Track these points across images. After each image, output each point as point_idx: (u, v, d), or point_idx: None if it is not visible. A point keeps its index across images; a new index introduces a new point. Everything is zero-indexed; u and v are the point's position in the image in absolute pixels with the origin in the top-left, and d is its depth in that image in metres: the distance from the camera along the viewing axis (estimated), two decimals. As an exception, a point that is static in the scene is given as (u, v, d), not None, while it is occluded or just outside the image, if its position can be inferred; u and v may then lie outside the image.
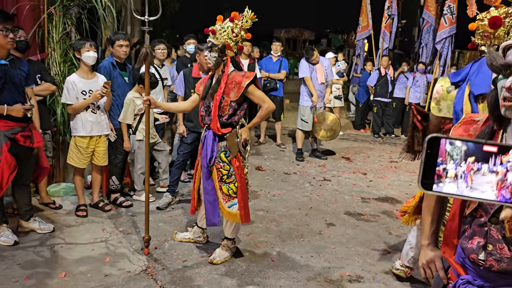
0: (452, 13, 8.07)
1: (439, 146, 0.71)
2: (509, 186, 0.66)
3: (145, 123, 3.32)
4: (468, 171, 0.70)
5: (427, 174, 0.72)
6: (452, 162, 0.72)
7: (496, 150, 0.68)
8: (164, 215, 4.30)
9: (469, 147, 0.71)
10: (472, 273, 1.29)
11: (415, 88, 9.01)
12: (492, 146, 0.69)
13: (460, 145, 0.71)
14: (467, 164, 0.71)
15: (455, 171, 0.71)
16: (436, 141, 0.71)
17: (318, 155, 6.89)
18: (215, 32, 3.07)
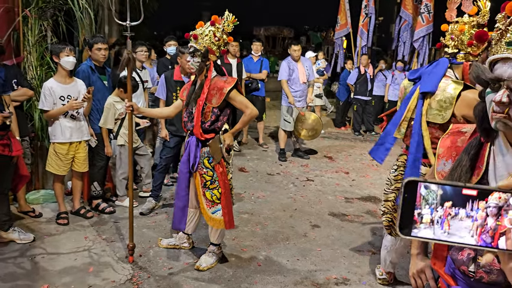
0: (429, 12, 8.20)
1: (417, 190, 0.69)
2: (489, 230, 0.65)
3: (128, 130, 3.26)
4: (445, 216, 0.68)
5: (405, 218, 0.70)
6: (428, 206, 0.70)
7: (476, 193, 0.66)
8: (148, 220, 4.25)
9: (445, 191, 0.69)
10: (462, 284, 1.31)
11: (394, 86, 9.13)
12: (471, 189, 0.67)
13: (436, 189, 0.69)
14: (444, 209, 0.69)
15: (431, 216, 0.69)
16: (413, 185, 0.69)
17: (300, 155, 6.91)
18: (197, 37, 3.03)
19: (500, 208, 0.64)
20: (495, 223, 0.65)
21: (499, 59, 1.14)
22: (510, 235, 0.63)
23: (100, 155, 4.35)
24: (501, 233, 0.64)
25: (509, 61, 1.11)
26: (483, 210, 0.65)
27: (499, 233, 0.64)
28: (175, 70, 4.53)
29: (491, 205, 0.65)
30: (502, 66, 1.12)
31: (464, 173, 1.23)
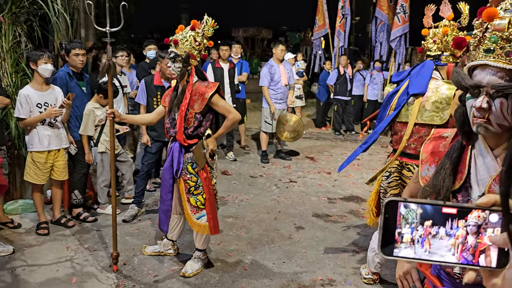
0: (405, 12, 8.36)
1: (397, 209, 0.70)
2: (470, 248, 0.66)
3: (110, 137, 3.21)
4: (426, 235, 0.69)
5: (386, 238, 0.70)
6: (408, 226, 0.70)
7: (456, 212, 0.67)
8: (131, 227, 4.19)
9: (425, 210, 0.69)
10: (448, 285, 1.33)
11: (373, 85, 9.27)
12: (451, 208, 0.67)
13: (416, 208, 0.69)
14: (425, 228, 0.69)
15: (411, 236, 0.69)
16: (394, 204, 0.70)
17: (282, 156, 6.94)
18: (177, 42, 3.01)
19: (479, 226, 0.65)
20: (475, 241, 0.66)
21: (478, 65, 1.17)
22: (489, 252, 0.64)
23: (81, 163, 4.27)
24: (481, 250, 0.66)
25: (487, 68, 1.14)
26: (463, 228, 0.66)
27: (479, 251, 0.66)
28: (155, 75, 4.48)
29: (471, 223, 0.66)
30: (480, 72, 1.16)
31: (447, 176, 1.26)
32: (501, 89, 1.11)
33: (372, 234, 4.13)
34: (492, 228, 0.64)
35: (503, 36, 1.11)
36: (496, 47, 1.12)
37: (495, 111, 1.13)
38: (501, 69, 1.12)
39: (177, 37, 3.03)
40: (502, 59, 1.11)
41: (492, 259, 0.64)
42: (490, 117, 1.14)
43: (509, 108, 1.12)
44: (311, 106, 11.82)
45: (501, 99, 1.12)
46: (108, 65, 2.94)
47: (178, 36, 3.04)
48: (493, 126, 1.15)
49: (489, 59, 1.13)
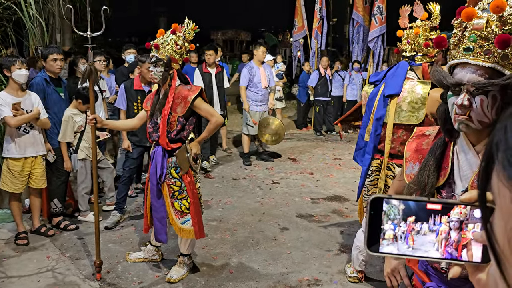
0: (382, 13, 8.50)
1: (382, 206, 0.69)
2: (453, 243, 0.66)
3: (92, 143, 3.14)
4: (409, 231, 0.68)
5: (372, 235, 0.70)
6: (390, 222, 0.69)
7: (440, 208, 0.67)
8: (114, 234, 4.12)
9: (407, 206, 0.68)
10: (436, 280, 1.36)
11: (352, 86, 9.38)
12: (435, 204, 0.67)
13: (397, 204, 0.68)
14: (408, 224, 0.68)
15: (394, 232, 0.69)
16: (379, 202, 0.69)
17: (265, 158, 6.95)
18: (158, 46, 2.98)
19: (461, 222, 0.66)
20: (458, 236, 0.66)
21: (458, 64, 1.20)
22: (471, 247, 0.65)
23: (59, 171, 4.19)
24: (463, 245, 0.66)
25: (467, 66, 1.17)
26: (446, 223, 0.66)
27: (461, 245, 0.66)
28: (134, 79, 4.43)
29: (453, 219, 0.66)
30: (461, 70, 1.19)
31: (431, 173, 1.29)
32: (481, 86, 1.14)
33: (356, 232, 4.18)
34: (474, 223, 0.65)
35: (481, 35, 1.14)
36: (475, 45, 1.15)
37: (476, 108, 1.16)
38: (481, 67, 1.15)
39: (158, 41, 3.01)
40: (481, 57, 1.14)
41: (475, 254, 0.64)
42: (471, 114, 1.17)
43: (489, 105, 1.15)
44: (291, 107, 11.88)
45: (481, 96, 1.15)
46: (89, 70, 2.88)
47: (159, 40, 3.01)
48: (474, 123, 1.18)
49: (469, 58, 1.16)
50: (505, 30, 1.11)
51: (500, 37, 1.10)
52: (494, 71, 1.14)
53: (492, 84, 1.13)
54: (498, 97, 1.15)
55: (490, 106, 1.16)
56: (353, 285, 3.27)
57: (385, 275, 1.59)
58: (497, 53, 1.12)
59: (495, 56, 1.13)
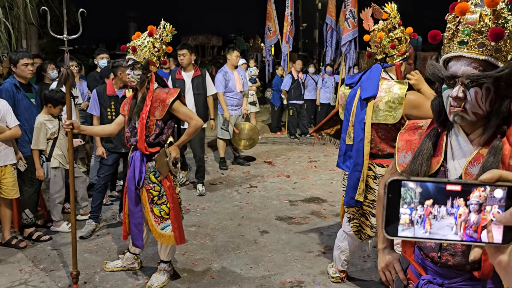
0: (354, 17, 8.67)
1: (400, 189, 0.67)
2: (472, 225, 0.65)
3: (69, 150, 3.02)
4: (427, 215, 0.66)
5: (390, 219, 0.68)
6: (406, 206, 0.67)
7: (460, 188, 0.65)
8: (89, 244, 4.00)
9: (425, 189, 0.66)
10: (431, 273, 1.37)
11: (325, 89, 9.50)
12: (455, 185, 0.65)
13: (414, 187, 0.66)
14: (425, 208, 0.66)
15: (410, 217, 0.67)
16: (397, 184, 0.67)
17: (241, 162, 6.93)
18: (136, 49, 2.92)
19: (481, 205, 0.65)
20: (478, 218, 0.65)
21: (453, 57, 1.23)
22: (491, 228, 0.64)
23: (31, 180, 4.04)
24: (482, 226, 0.65)
25: (462, 59, 1.20)
26: (465, 206, 0.65)
27: (481, 227, 0.65)
28: (107, 84, 4.32)
29: (473, 202, 0.65)
30: (456, 63, 1.21)
31: (424, 161, 1.31)
32: (475, 78, 1.17)
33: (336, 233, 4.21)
34: (494, 204, 0.64)
35: (475, 29, 1.17)
36: (469, 39, 1.18)
37: (471, 100, 1.19)
38: (475, 59, 1.18)
39: (135, 43, 2.95)
40: (475, 50, 1.17)
41: (496, 236, 0.63)
42: (465, 106, 1.21)
43: (483, 97, 1.19)
44: (264, 111, 11.92)
45: (475, 89, 1.18)
46: (66, 74, 2.79)
47: (136, 42, 2.95)
48: (469, 114, 1.21)
49: (463, 51, 1.19)
50: (498, 23, 1.14)
51: (493, 30, 1.13)
52: (488, 64, 1.17)
53: (486, 76, 1.16)
54: (492, 89, 1.18)
55: (484, 98, 1.19)
56: (336, 285, 3.29)
57: (379, 270, 1.59)
58: (491, 46, 1.16)
59: (488, 49, 1.16)
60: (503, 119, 1.22)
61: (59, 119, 4.16)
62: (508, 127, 1.21)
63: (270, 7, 10.33)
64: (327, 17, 9.72)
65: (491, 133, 1.22)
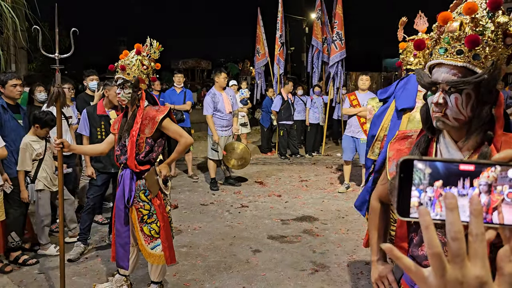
0: (341, 39, 8.84)
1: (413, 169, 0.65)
2: (483, 206, 0.62)
3: (58, 170, 2.99)
4: (437, 197, 0.64)
5: (402, 200, 0.65)
6: (414, 188, 0.65)
7: (473, 168, 0.63)
8: (78, 267, 3.91)
9: (435, 169, 0.64)
10: None
11: (314, 109, 9.58)
12: (468, 164, 0.63)
13: (423, 168, 0.64)
14: (435, 189, 0.64)
15: (419, 199, 0.65)
16: (409, 163, 0.65)
17: (232, 182, 6.90)
18: (125, 68, 2.93)
19: (490, 185, 0.63)
20: (488, 199, 0.63)
21: (435, 64, 1.26)
22: (501, 209, 0.62)
23: (17, 202, 3.96)
24: (493, 208, 0.63)
25: (442, 66, 1.24)
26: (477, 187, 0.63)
27: (492, 208, 0.63)
28: (98, 104, 4.32)
29: (482, 183, 0.63)
30: (437, 71, 1.25)
31: None
32: (454, 85, 1.20)
33: (328, 251, 4.19)
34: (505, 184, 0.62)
35: (453, 36, 1.20)
36: (448, 46, 1.21)
37: (451, 106, 1.22)
38: (454, 66, 1.21)
39: (123, 62, 2.96)
40: (454, 57, 1.21)
41: (507, 217, 0.61)
42: (446, 112, 1.23)
43: (463, 103, 1.21)
44: (254, 133, 11.96)
45: (455, 95, 1.21)
46: (57, 93, 2.77)
47: (124, 61, 2.97)
48: (450, 120, 1.23)
49: (444, 58, 1.23)
50: (477, 31, 1.18)
51: (469, 37, 1.17)
52: (467, 70, 1.20)
53: (463, 82, 1.19)
54: (472, 95, 1.20)
55: (465, 104, 1.21)
56: (330, 303, 3.24)
57: (373, 282, 1.57)
58: (469, 53, 1.19)
59: (466, 55, 1.19)
60: (489, 125, 1.23)
61: (46, 140, 4.13)
62: (494, 134, 1.23)
63: (259, 30, 10.51)
64: (313, 39, 9.91)
65: (478, 139, 1.24)
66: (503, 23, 1.17)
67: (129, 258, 3.21)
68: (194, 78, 21.92)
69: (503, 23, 1.17)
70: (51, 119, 4.00)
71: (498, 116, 1.22)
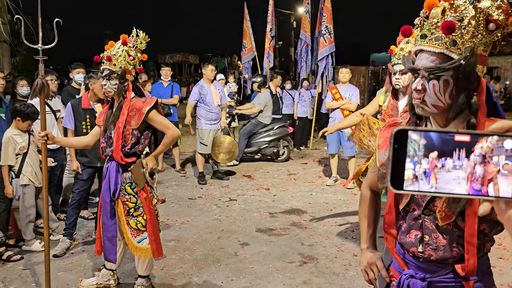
0: (330, 33, 8.85)
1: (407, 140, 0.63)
2: (479, 178, 0.62)
3: (43, 163, 2.92)
4: (432, 169, 0.63)
5: (396, 172, 0.64)
6: (409, 160, 0.63)
7: (469, 139, 0.62)
8: (64, 262, 3.85)
9: (430, 140, 0.62)
10: (413, 267, 1.35)
11: (302, 103, 9.58)
12: (464, 135, 0.62)
13: (418, 139, 0.63)
14: (430, 160, 0.63)
15: (413, 171, 0.63)
16: (404, 134, 0.64)
17: (220, 176, 6.87)
18: (111, 59, 2.88)
19: (484, 156, 0.61)
20: (483, 170, 0.62)
21: (418, 51, 1.25)
22: (497, 181, 0.61)
23: (1, 197, 3.88)
24: (489, 179, 0.62)
25: (423, 53, 1.24)
26: (471, 158, 0.62)
27: (487, 180, 0.62)
28: (83, 97, 4.24)
29: (476, 154, 0.62)
30: (419, 57, 1.25)
31: None
32: (430, 71, 1.20)
33: (317, 243, 4.20)
34: (501, 155, 0.61)
35: (432, 22, 1.20)
36: (428, 33, 1.21)
37: (429, 92, 1.22)
38: (433, 53, 1.21)
39: (109, 53, 2.90)
40: (433, 43, 1.20)
41: (503, 189, 0.60)
42: (425, 98, 1.23)
43: (441, 89, 1.21)
44: (243, 127, 11.92)
45: (433, 81, 1.21)
46: (41, 84, 2.71)
47: (110, 52, 2.91)
48: (428, 106, 1.24)
49: (424, 44, 1.22)
50: (455, 17, 1.17)
51: (444, 23, 1.16)
52: (446, 57, 1.19)
53: (438, 68, 1.19)
54: (451, 81, 1.20)
55: (443, 91, 1.21)
56: (318, 294, 3.25)
57: (362, 270, 1.57)
58: (446, 39, 1.18)
59: (444, 42, 1.19)
60: (473, 113, 1.22)
61: (30, 133, 4.05)
62: (478, 122, 1.22)
63: (245, 24, 10.47)
64: (301, 32, 9.90)
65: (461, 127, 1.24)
66: (485, 8, 1.15)
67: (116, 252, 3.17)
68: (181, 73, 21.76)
69: (484, 8, 1.15)
70: (32, 111, 3.92)
71: (480, 104, 1.21)
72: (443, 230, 1.27)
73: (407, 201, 1.33)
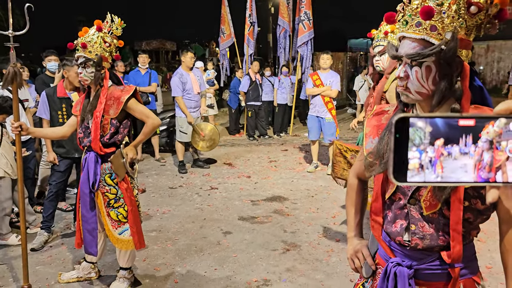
0: (309, 19, 8.79)
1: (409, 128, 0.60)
2: (486, 166, 0.59)
3: (17, 155, 2.82)
4: (438, 157, 0.60)
5: (399, 163, 0.61)
6: (414, 148, 0.60)
7: (474, 123, 0.59)
8: (42, 256, 3.76)
9: (435, 127, 0.59)
10: (399, 255, 1.35)
11: (281, 90, 9.56)
12: (468, 119, 0.59)
13: (424, 126, 0.59)
14: (436, 148, 0.60)
15: (419, 161, 0.60)
16: (406, 122, 0.60)
17: (200, 165, 6.82)
18: (86, 46, 2.77)
19: (491, 142, 0.59)
20: (491, 157, 0.59)
21: (401, 37, 1.24)
22: (505, 168, 0.59)
23: (-27, 190, 3.74)
24: (497, 167, 0.59)
25: (405, 39, 1.22)
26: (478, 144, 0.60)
27: (495, 167, 0.59)
28: (58, 85, 4.10)
29: (482, 139, 0.59)
30: (402, 44, 1.24)
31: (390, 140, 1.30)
32: (412, 57, 1.19)
33: (299, 230, 4.22)
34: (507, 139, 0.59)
35: (412, 8, 1.18)
36: (410, 19, 1.20)
37: (412, 79, 1.21)
38: (414, 39, 1.20)
39: (84, 39, 2.79)
40: (414, 30, 1.19)
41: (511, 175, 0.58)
42: (408, 85, 1.22)
43: (423, 76, 1.20)
44: (222, 114, 11.84)
45: (416, 68, 1.20)
46: (13, 72, 2.59)
47: (85, 38, 2.80)
48: (412, 93, 1.23)
49: (405, 31, 1.21)
50: (435, 1, 1.15)
51: (422, 9, 1.15)
52: (427, 42, 1.18)
53: (418, 54, 1.18)
54: (433, 67, 1.19)
55: (425, 77, 1.20)
56: (301, 279, 3.27)
57: (348, 258, 1.56)
58: (426, 25, 1.17)
59: (424, 27, 1.17)
60: (458, 99, 1.21)
61: (2, 125, 3.90)
62: (462, 108, 1.21)
63: (224, 10, 10.31)
64: (279, 18, 9.83)
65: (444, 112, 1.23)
66: None
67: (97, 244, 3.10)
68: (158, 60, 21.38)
69: None
70: (10, 105, 3.77)
71: (463, 90, 1.20)
72: (428, 219, 1.27)
73: (393, 190, 1.32)
